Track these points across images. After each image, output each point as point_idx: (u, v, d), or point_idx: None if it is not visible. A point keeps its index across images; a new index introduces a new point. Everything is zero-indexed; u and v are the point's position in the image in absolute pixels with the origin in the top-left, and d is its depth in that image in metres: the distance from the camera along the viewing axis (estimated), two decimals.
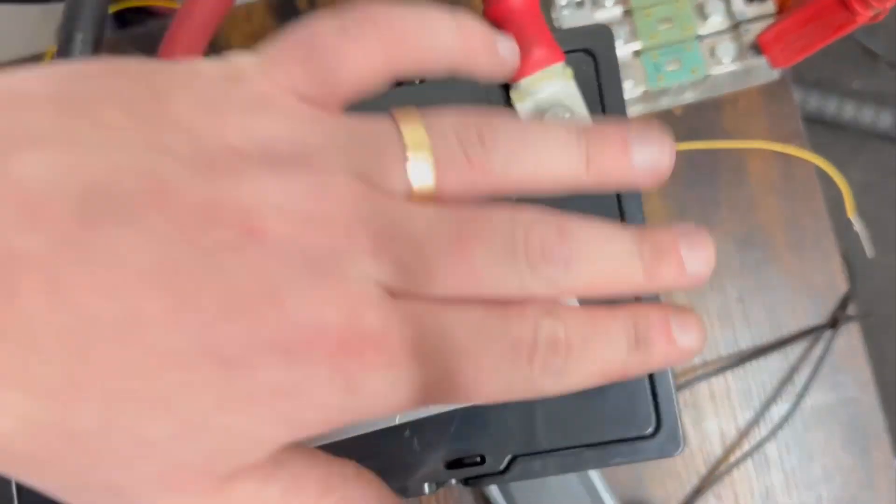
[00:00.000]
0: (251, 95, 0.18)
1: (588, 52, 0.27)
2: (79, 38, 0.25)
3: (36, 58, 0.46)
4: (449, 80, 0.27)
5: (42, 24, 0.51)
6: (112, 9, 0.49)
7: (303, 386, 0.16)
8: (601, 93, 0.27)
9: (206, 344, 0.15)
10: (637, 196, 0.27)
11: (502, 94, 0.27)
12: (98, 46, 0.26)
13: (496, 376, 0.18)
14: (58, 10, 0.48)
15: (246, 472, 0.17)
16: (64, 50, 0.25)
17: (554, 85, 0.27)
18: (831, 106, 1.02)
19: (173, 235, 0.15)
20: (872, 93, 1.08)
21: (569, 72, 0.27)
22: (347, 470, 0.19)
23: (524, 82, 0.26)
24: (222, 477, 0.17)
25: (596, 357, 0.19)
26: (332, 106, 0.19)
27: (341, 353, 0.16)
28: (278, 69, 0.18)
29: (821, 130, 1.03)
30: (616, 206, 0.27)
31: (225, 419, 0.16)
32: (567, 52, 0.27)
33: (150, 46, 0.43)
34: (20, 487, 0.26)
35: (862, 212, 0.45)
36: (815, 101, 1.03)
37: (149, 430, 0.15)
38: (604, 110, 0.27)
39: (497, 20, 0.26)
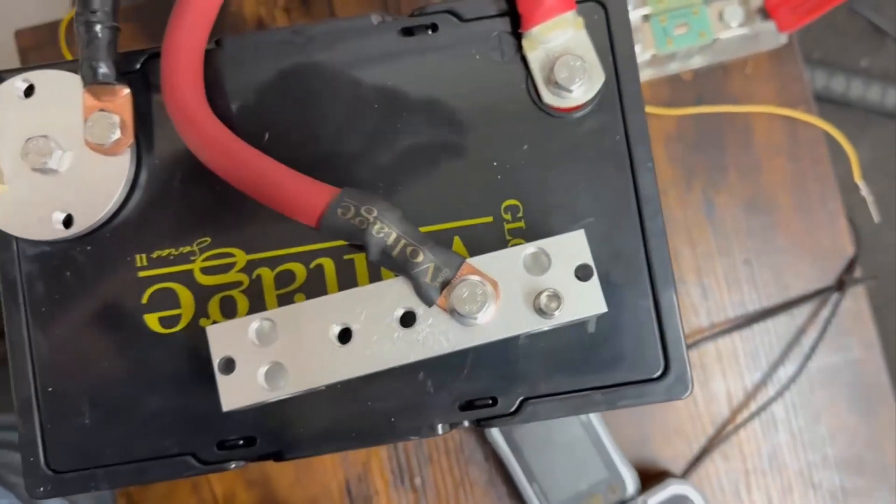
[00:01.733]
0: None
1: (598, 1, 0.28)
2: (97, 28, 0.26)
3: (55, 24, 0.47)
4: (461, 28, 0.28)
5: None
6: None
7: None
8: (612, 43, 0.28)
9: None
10: (646, 143, 0.28)
11: (514, 41, 0.28)
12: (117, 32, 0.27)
13: None
14: None
15: None
16: (87, 42, 0.26)
17: (565, 34, 0.27)
18: (838, 84, 1.02)
19: None
20: (880, 70, 1.07)
21: (580, 21, 0.27)
22: None
23: (535, 30, 0.27)
24: None
25: None
26: None
27: None
28: None
29: (828, 108, 1.02)
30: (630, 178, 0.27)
31: None
32: (579, 2, 0.28)
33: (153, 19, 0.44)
34: (45, 445, 0.27)
35: (869, 189, 0.46)
36: (822, 79, 1.02)
37: None
38: (615, 60, 0.28)
39: None
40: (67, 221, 0.27)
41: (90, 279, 0.27)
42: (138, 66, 0.28)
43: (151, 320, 0.27)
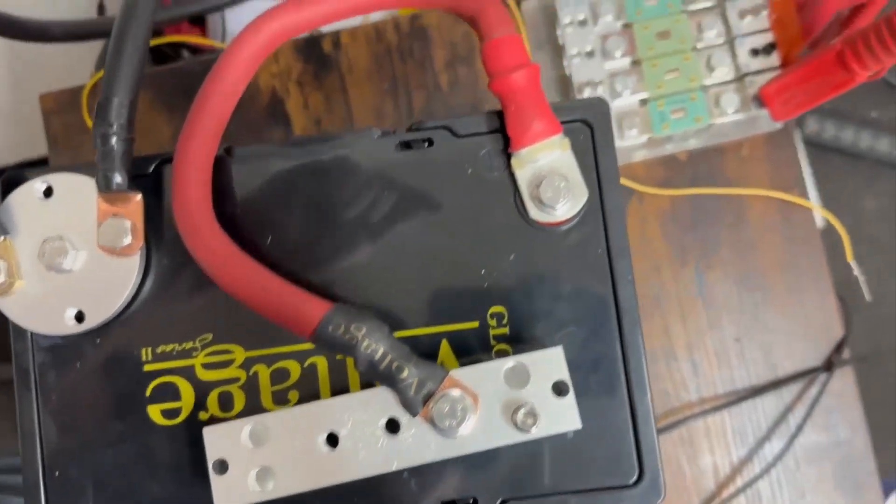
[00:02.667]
0: None
1: (585, 122, 0.29)
2: (115, 101, 0.28)
3: (78, 89, 0.49)
4: (456, 143, 0.30)
5: (87, 54, 0.54)
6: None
7: None
8: (597, 161, 0.29)
9: None
10: (627, 257, 0.29)
11: (504, 159, 0.29)
12: (133, 108, 0.29)
13: None
14: (98, 43, 0.51)
15: None
16: (101, 114, 0.28)
17: (552, 154, 0.29)
18: (847, 135, 1.03)
19: None
20: (889, 122, 1.08)
21: (566, 142, 0.29)
22: None
23: (523, 152, 0.28)
24: None
25: None
26: None
27: None
28: None
29: (837, 159, 1.03)
30: (611, 290, 0.29)
31: None
32: (566, 123, 0.29)
33: (186, 82, 0.46)
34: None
35: (876, 241, 0.47)
36: (832, 130, 1.03)
37: None
38: (599, 178, 0.29)
39: (500, 95, 0.28)
40: (79, 317, 0.28)
41: (98, 371, 0.29)
42: (151, 169, 0.30)
43: (154, 412, 0.29)
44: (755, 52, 0.45)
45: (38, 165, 0.48)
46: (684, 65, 0.45)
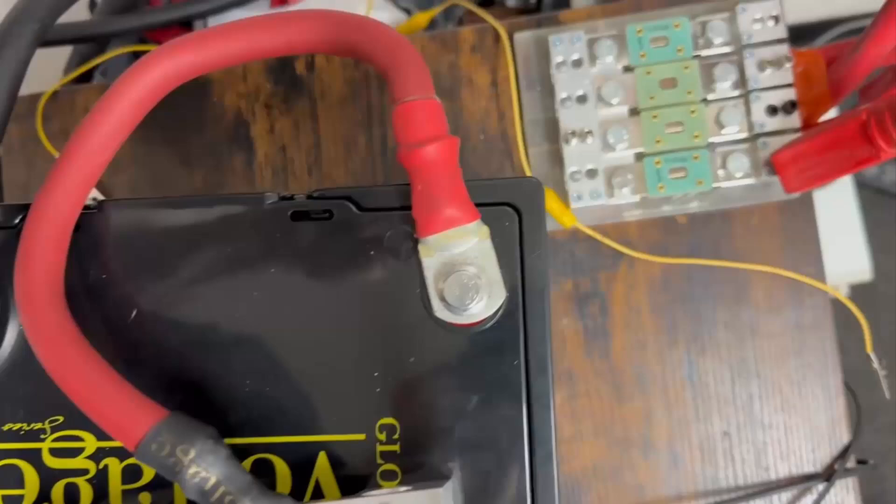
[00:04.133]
0: None
1: (512, 206, 0.25)
2: None
3: (38, 97, 0.46)
4: (359, 218, 0.25)
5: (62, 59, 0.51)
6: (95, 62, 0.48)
7: None
8: (522, 254, 0.24)
9: None
10: (547, 374, 0.24)
11: (412, 242, 0.25)
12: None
13: None
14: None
15: None
16: None
17: (466, 243, 0.24)
18: (890, 174, 0.96)
19: None
20: None
21: (485, 230, 0.24)
22: None
23: (432, 239, 0.24)
24: None
25: None
26: None
27: None
28: None
29: (877, 199, 0.97)
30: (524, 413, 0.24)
31: None
32: (489, 205, 0.25)
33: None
34: None
35: None
36: (893, 174, 0.95)
37: None
38: (523, 273, 0.24)
39: (408, 170, 0.24)
40: None
41: None
42: (17, 220, 0.26)
43: None
44: (773, 111, 0.39)
45: None
46: (689, 119, 0.40)
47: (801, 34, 0.87)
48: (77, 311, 0.25)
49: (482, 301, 0.24)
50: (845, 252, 0.96)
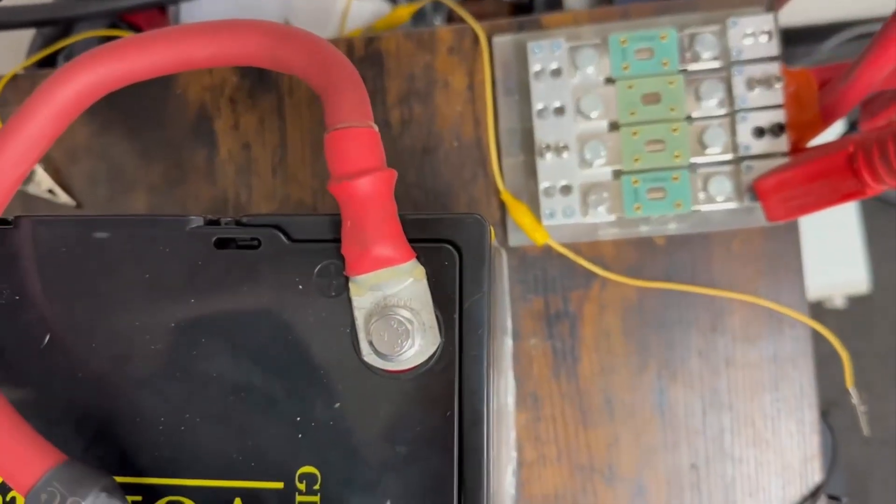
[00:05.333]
0: None
1: (453, 245, 0.23)
2: None
3: None
4: (288, 249, 0.23)
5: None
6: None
7: None
8: (461, 296, 0.23)
9: None
10: (482, 427, 0.22)
11: (344, 280, 0.23)
12: None
13: None
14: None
15: None
16: None
17: (400, 283, 0.22)
18: None
19: None
20: None
21: (420, 270, 0.22)
22: None
23: (361, 278, 0.22)
24: None
25: None
26: None
27: None
28: None
29: (877, 208, 0.95)
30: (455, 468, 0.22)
31: None
32: (428, 242, 0.23)
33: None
34: None
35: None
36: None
37: None
38: (460, 314, 0.23)
39: (339, 201, 0.22)
40: None
41: None
42: None
43: None
44: (760, 132, 0.37)
45: None
46: (671, 137, 0.37)
47: (801, 38, 0.85)
48: None
49: (414, 347, 0.22)
50: (843, 263, 0.94)
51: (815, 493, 0.39)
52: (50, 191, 0.42)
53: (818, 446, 0.39)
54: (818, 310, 1.05)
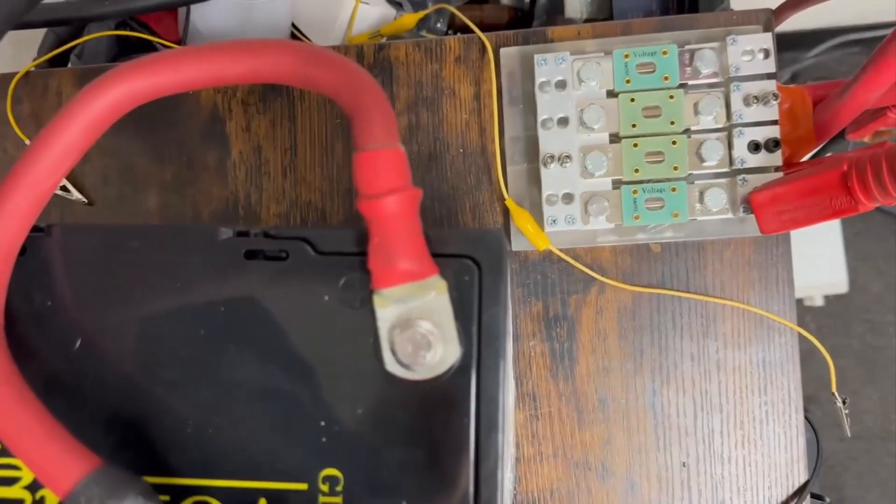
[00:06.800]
0: None
1: (473, 260, 0.24)
2: None
3: (10, 76, 0.44)
4: (315, 261, 0.25)
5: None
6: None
7: None
8: (480, 309, 0.24)
9: None
10: (497, 433, 0.24)
11: (367, 290, 0.24)
12: None
13: None
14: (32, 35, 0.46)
15: None
16: None
17: (423, 298, 0.23)
18: None
19: None
20: None
21: (442, 285, 0.23)
22: None
23: (386, 291, 0.23)
24: None
25: None
26: None
27: None
28: None
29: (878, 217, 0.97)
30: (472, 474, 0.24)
31: None
32: (449, 257, 0.24)
33: None
34: None
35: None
36: None
37: None
38: (479, 328, 0.24)
39: (367, 219, 0.23)
40: None
41: None
42: None
43: None
44: (756, 147, 0.39)
45: None
46: (670, 149, 0.39)
47: (788, 44, 0.86)
48: (20, 336, 0.24)
49: (435, 358, 0.23)
50: (823, 264, 0.96)
51: (799, 493, 0.41)
52: (63, 188, 0.42)
53: (804, 448, 0.41)
54: (799, 308, 1.08)
